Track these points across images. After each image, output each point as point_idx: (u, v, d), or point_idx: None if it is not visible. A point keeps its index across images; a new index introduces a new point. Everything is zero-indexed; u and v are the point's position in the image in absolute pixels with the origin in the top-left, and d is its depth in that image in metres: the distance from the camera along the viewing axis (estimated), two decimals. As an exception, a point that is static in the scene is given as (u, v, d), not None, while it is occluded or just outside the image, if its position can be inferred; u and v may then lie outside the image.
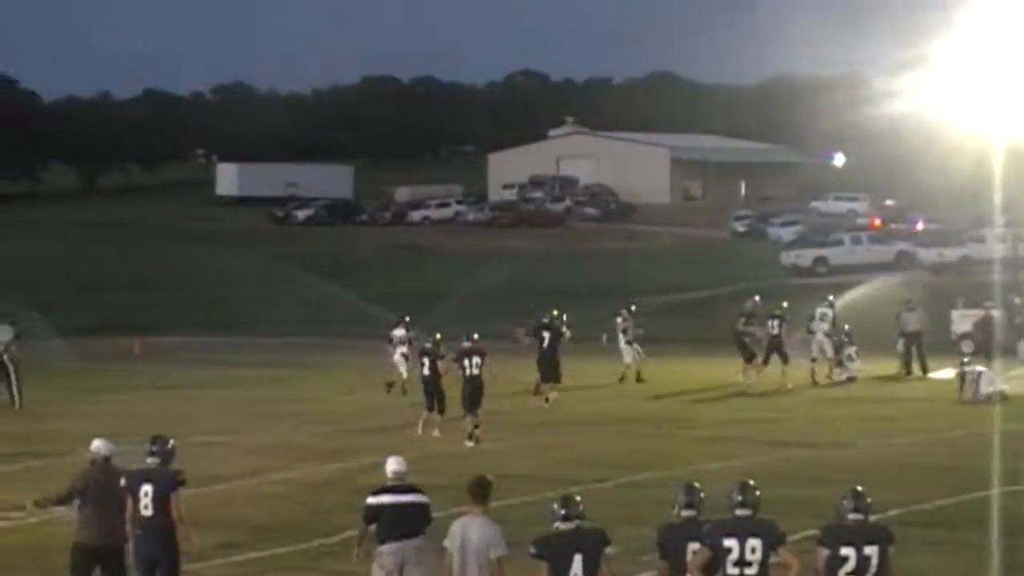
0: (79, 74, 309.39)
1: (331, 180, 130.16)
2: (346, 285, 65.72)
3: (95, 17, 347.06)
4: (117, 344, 50.86)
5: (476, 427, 28.68)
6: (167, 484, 14.90)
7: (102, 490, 15.30)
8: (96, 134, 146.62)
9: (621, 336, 40.27)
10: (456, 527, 12.82)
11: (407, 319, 38.68)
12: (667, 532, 12.37)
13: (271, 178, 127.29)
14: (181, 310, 65.49)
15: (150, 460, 15.13)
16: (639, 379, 39.47)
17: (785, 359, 37.83)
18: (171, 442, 15.35)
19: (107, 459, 15.55)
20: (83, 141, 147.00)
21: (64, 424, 31.38)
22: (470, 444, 28.31)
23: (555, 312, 38.22)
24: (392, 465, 14.99)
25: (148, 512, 14.82)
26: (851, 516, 11.98)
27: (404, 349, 37.15)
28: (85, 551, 15.32)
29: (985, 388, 34.62)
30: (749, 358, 37.74)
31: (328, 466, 25.97)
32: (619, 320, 40.57)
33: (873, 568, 11.82)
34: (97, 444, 15.65)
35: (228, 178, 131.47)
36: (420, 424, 29.64)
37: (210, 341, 54.74)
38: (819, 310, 40.50)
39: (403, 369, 36.92)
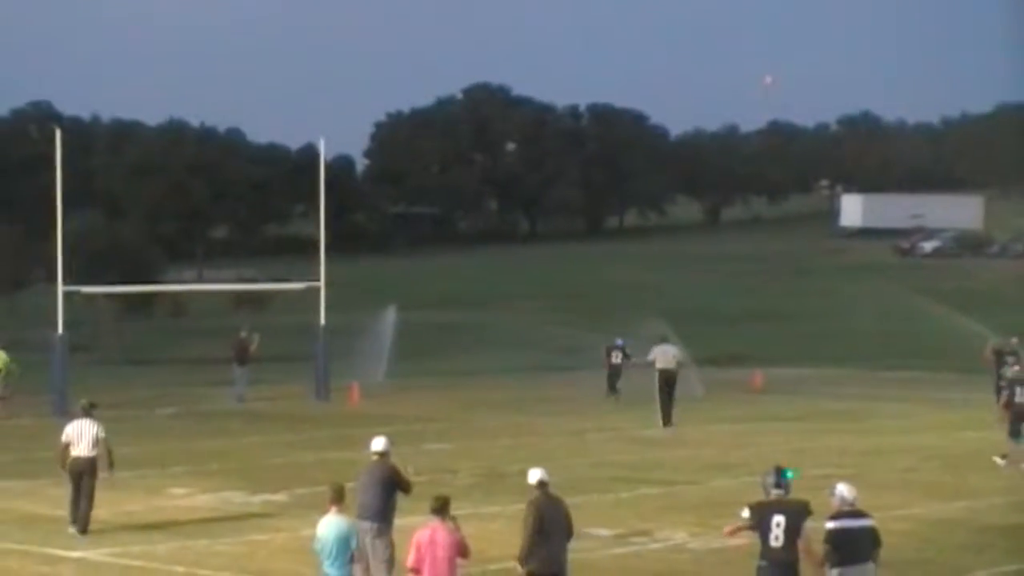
0: (706, 108, 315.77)
1: (959, 211, 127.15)
2: (975, 319, 63.59)
3: (719, 50, 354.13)
4: (738, 375, 51.14)
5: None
6: (799, 515, 14.66)
7: (550, 518, 15.35)
8: (721, 167, 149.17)
9: None
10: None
11: None
12: None
13: (895, 209, 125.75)
14: (803, 343, 65.23)
15: (775, 492, 14.93)
16: None
17: None
18: (791, 473, 15.17)
19: (543, 484, 15.51)
20: (708, 174, 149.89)
21: (678, 452, 31.71)
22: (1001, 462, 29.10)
23: None
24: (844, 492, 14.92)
25: (778, 543, 14.60)
26: None
27: None
28: None
29: None
30: None
31: (951, 504, 25.02)
32: None
33: None
34: (535, 472, 15.65)
35: (852, 209, 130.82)
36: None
37: (830, 373, 54.13)
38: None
39: None
